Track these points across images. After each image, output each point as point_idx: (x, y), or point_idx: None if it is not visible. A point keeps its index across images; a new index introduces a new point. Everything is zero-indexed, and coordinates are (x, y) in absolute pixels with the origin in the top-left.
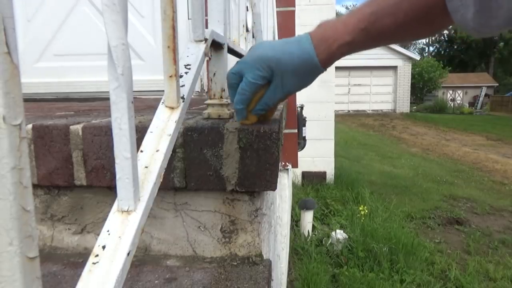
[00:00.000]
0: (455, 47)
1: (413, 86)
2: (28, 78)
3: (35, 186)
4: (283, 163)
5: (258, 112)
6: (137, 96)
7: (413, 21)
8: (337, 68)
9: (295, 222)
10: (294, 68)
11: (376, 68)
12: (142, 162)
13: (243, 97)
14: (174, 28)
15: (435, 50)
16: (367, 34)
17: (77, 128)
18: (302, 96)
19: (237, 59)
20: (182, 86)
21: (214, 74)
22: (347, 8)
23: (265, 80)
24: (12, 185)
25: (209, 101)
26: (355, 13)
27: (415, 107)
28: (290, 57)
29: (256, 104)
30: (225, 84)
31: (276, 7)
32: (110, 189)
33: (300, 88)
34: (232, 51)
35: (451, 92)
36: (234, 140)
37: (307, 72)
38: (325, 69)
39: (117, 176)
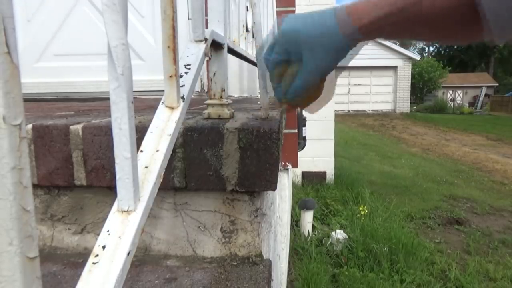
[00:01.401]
0: (455, 47)
1: (413, 86)
2: (28, 78)
3: (35, 186)
4: (283, 163)
5: (292, 97)
6: (137, 96)
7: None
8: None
9: (295, 222)
10: (314, 42)
11: (376, 68)
12: (142, 162)
13: (270, 78)
14: (174, 28)
15: (435, 50)
16: (402, 15)
17: (77, 128)
18: None
19: (237, 59)
20: (182, 86)
21: (214, 74)
22: None
23: (283, 55)
24: (12, 185)
25: (209, 101)
26: None
27: (415, 107)
28: (311, 29)
29: (288, 86)
30: (225, 84)
31: (276, 7)
32: (110, 189)
33: (326, 66)
34: (232, 51)
35: (451, 92)
36: (234, 140)
37: (330, 46)
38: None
39: (117, 176)
